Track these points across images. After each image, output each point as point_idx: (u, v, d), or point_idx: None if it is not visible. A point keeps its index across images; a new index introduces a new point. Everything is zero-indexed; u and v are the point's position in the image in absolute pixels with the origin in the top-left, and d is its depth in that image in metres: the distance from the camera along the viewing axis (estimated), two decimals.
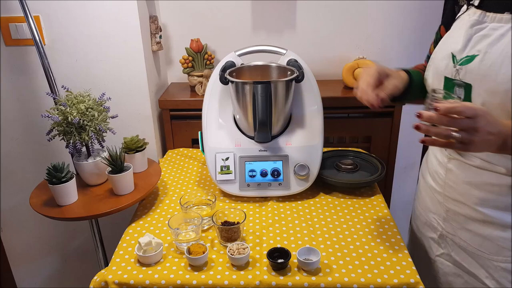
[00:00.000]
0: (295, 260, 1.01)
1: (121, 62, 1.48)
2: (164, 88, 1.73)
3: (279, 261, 0.99)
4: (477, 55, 0.88)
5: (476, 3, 0.94)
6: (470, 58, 0.90)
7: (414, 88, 1.07)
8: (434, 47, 1.09)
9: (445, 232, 1.09)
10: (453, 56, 0.93)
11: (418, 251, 1.21)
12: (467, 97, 0.91)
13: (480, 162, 0.94)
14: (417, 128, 0.76)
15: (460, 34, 0.93)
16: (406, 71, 1.08)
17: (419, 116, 0.76)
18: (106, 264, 1.43)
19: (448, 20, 1.04)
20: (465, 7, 0.97)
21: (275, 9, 1.65)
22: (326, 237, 1.11)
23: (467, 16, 0.94)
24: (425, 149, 1.96)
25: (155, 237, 1.06)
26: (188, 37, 1.64)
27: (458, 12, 1.01)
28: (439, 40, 1.06)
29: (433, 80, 1.01)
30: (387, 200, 1.64)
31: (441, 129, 0.76)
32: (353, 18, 1.66)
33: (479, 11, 0.91)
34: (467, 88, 0.91)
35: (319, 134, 1.30)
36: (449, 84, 0.95)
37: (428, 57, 1.14)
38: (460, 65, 0.92)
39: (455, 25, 0.99)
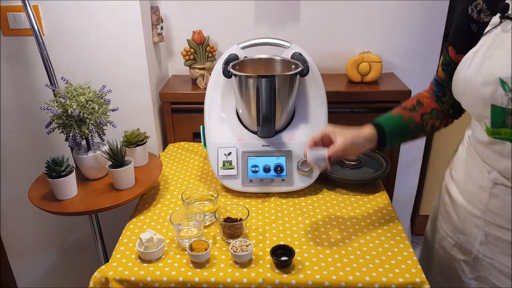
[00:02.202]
0: (299, 258, 1.00)
1: (121, 53, 1.45)
2: (165, 80, 1.71)
3: (283, 258, 0.98)
4: None
5: None
6: None
7: (392, 134, 1.02)
8: (443, 70, 0.99)
9: (481, 255, 1.00)
10: (503, 83, 0.80)
11: (445, 271, 1.12)
12: None
13: None
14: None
15: (507, 57, 0.80)
16: (378, 124, 1.03)
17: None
18: (106, 259, 1.42)
19: (460, 40, 0.93)
20: (496, 19, 0.84)
21: (278, 1, 1.62)
22: (330, 235, 1.09)
23: (509, 35, 0.81)
24: (427, 146, 1.95)
25: (157, 233, 1.04)
26: (190, 28, 1.61)
27: (476, 30, 0.89)
28: (451, 63, 0.96)
29: (472, 105, 0.89)
30: (390, 196, 1.63)
31: None
32: (357, 11, 1.64)
33: None
34: None
35: None
36: (499, 112, 0.83)
37: (436, 81, 1.04)
38: None
39: (490, 44, 0.84)
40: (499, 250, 0.96)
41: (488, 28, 0.85)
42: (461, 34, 0.92)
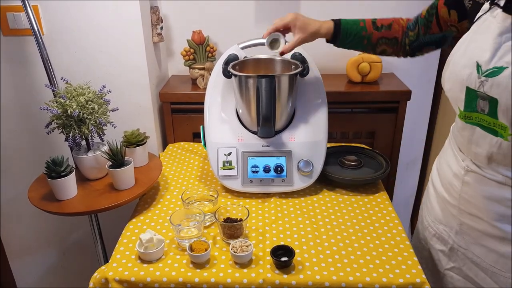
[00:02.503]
0: (299, 258, 1.00)
1: (121, 53, 1.45)
2: (164, 80, 1.70)
3: (283, 259, 0.98)
4: (506, 67, 0.79)
5: (501, 2, 0.83)
6: (498, 70, 0.80)
7: (345, 38, 1.16)
8: (427, 10, 1.09)
9: (456, 245, 1.03)
10: (478, 66, 0.84)
11: (425, 262, 1.15)
12: (493, 112, 0.84)
13: (501, 178, 0.88)
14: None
15: (487, 41, 0.83)
16: (339, 24, 1.16)
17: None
18: (106, 259, 1.42)
19: (452, 3, 1.00)
20: (486, 5, 0.87)
21: (278, 0, 1.62)
22: (330, 235, 1.09)
23: (494, 20, 0.83)
24: (427, 146, 1.95)
25: (157, 233, 1.04)
26: (189, 28, 1.61)
27: (469, 6, 0.94)
28: (435, 8, 1.05)
29: (453, 87, 0.93)
30: (389, 196, 1.63)
31: None
32: (358, 11, 1.63)
33: (510, 17, 0.80)
34: (493, 102, 0.83)
35: (323, 129, 1.28)
36: (472, 95, 0.87)
37: (417, 16, 1.14)
38: (485, 76, 0.82)
39: (477, 29, 0.88)
40: (472, 240, 0.99)
41: (479, 14, 0.89)
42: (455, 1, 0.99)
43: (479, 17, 0.89)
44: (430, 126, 1.89)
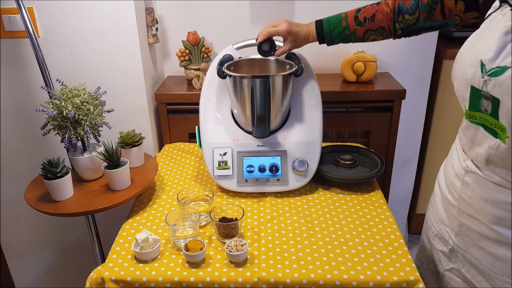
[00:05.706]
0: (294, 257, 1.01)
1: (116, 55, 1.45)
2: (160, 81, 1.71)
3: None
4: (509, 67, 0.77)
5: None
6: (501, 70, 0.78)
7: (332, 40, 1.21)
8: None
9: (456, 247, 1.02)
10: (482, 65, 0.82)
11: (427, 261, 1.15)
12: (495, 112, 0.81)
13: (499, 180, 0.86)
14: None
15: (492, 40, 0.80)
16: (323, 30, 1.20)
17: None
18: (103, 259, 1.42)
19: None
20: (497, 2, 0.85)
21: (273, 1, 1.62)
22: (325, 234, 1.10)
23: (502, 19, 0.80)
24: (423, 145, 1.96)
25: (152, 233, 1.05)
26: (184, 29, 1.62)
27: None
28: None
29: (459, 86, 0.91)
30: (385, 195, 1.64)
31: None
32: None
33: None
34: (495, 102, 0.80)
35: (318, 129, 1.29)
36: (476, 94, 0.85)
37: (417, 3, 1.09)
38: (488, 76, 0.80)
39: (486, 26, 0.85)
40: (471, 242, 0.98)
41: (489, 11, 0.86)
42: None
43: (489, 15, 0.86)
44: (426, 125, 1.90)
